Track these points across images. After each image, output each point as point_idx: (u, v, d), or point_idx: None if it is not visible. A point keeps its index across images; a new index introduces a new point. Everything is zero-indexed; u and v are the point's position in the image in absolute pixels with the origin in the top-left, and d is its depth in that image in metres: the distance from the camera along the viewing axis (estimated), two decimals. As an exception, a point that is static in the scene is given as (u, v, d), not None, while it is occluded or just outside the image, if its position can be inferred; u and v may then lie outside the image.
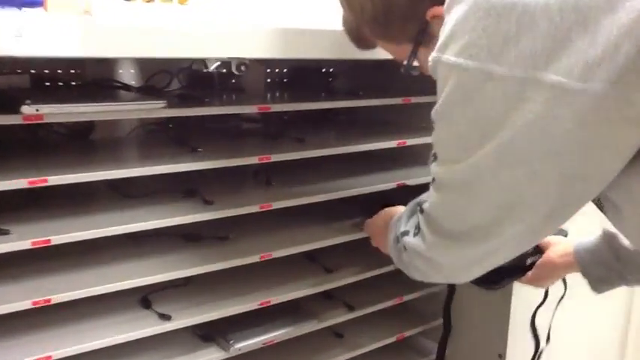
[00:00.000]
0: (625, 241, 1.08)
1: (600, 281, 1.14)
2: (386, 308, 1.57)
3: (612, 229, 1.03)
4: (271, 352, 1.41)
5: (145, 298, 1.27)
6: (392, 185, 1.47)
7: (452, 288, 1.56)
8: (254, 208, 1.26)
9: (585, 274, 1.15)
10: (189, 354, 1.28)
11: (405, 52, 0.91)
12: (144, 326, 1.18)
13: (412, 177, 1.50)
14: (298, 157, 1.31)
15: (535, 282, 1.24)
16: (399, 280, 1.65)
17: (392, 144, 1.46)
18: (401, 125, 1.61)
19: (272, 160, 1.27)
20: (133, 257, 1.24)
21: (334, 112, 1.78)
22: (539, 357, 1.42)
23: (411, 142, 1.48)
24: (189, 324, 1.23)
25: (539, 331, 1.41)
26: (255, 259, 1.28)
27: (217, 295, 1.31)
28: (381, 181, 1.47)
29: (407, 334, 1.63)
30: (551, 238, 1.20)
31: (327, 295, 1.53)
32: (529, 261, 1.23)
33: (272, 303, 1.33)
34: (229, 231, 1.36)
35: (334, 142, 1.45)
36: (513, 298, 1.51)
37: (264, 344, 1.33)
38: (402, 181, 1.49)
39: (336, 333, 1.57)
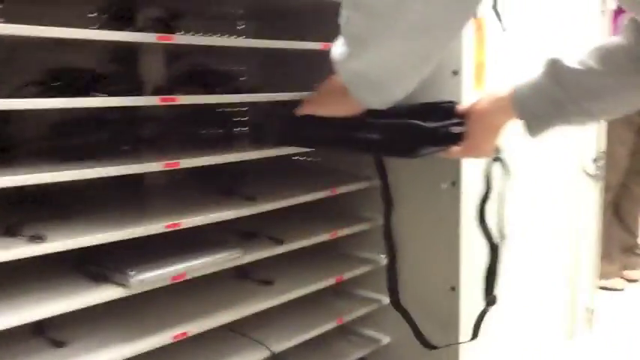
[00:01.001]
0: (570, 63, 0.96)
1: (536, 118, 1.01)
2: (319, 247, 1.34)
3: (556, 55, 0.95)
4: (182, 295, 1.14)
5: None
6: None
7: (388, 206, 1.36)
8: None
9: (520, 113, 1.02)
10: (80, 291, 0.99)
11: None
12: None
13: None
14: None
15: (468, 151, 1.09)
16: (331, 213, 1.45)
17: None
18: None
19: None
20: None
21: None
22: (495, 254, 1.22)
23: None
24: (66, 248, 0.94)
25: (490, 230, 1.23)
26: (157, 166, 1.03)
27: (100, 223, 1.04)
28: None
29: (345, 276, 1.40)
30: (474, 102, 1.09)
31: (249, 234, 1.29)
32: (455, 130, 1.08)
33: (183, 226, 1.07)
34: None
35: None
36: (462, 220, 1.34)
37: (172, 279, 1.06)
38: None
39: (264, 280, 1.32)
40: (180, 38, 1.07)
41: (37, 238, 0.91)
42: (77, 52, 1.38)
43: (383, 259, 1.44)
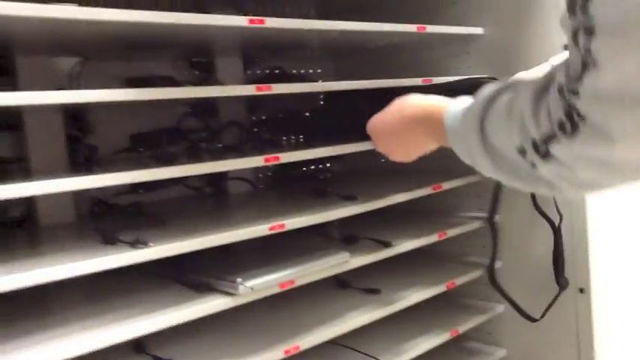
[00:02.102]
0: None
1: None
2: (422, 250, 1.21)
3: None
4: (282, 306, 1.03)
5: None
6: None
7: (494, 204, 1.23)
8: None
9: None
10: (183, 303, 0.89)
11: None
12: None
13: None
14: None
15: None
16: (434, 211, 1.33)
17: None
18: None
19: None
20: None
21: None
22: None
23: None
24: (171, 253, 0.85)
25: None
26: (258, 161, 0.93)
27: (202, 228, 0.94)
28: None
29: (457, 282, 1.26)
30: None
31: (350, 237, 1.18)
32: None
33: (286, 228, 0.96)
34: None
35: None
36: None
37: (280, 287, 0.95)
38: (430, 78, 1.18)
39: (370, 289, 1.20)
40: (277, 87, 0.97)
41: (140, 244, 0.83)
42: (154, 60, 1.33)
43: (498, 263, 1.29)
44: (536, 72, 1.00)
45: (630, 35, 0.49)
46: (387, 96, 1.01)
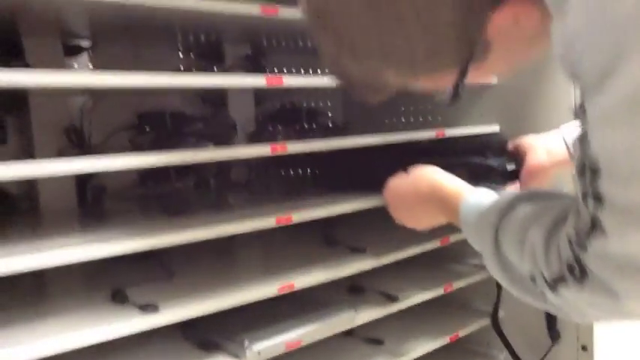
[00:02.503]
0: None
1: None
2: (429, 300, 1.21)
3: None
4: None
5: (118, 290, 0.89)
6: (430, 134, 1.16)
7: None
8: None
9: None
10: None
11: (442, 80, 0.63)
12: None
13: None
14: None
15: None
16: (441, 262, 1.32)
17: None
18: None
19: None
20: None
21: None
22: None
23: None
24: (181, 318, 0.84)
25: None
26: (270, 222, 0.92)
27: (211, 287, 0.94)
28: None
29: (461, 333, 1.26)
30: (524, 141, 1.05)
31: (356, 288, 1.17)
32: (509, 167, 1.05)
33: (295, 288, 0.96)
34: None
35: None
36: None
37: (287, 347, 0.95)
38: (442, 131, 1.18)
39: (373, 339, 1.19)
40: (289, 80, 0.97)
41: (150, 308, 0.82)
42: (165, 93, 1.32)
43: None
44: (547, 139, 1.02)
45: (636, 218, 0.50)
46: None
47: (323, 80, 1.00)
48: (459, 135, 1.22)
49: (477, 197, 0.77)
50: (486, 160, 1.08)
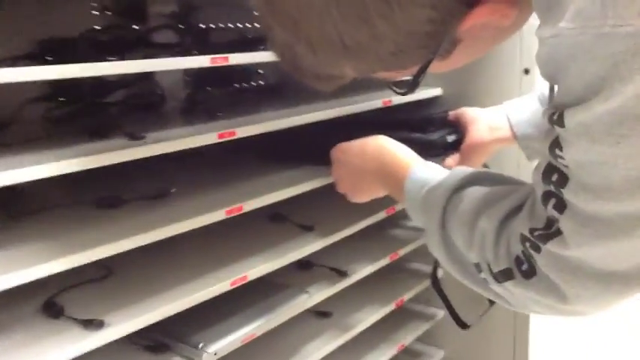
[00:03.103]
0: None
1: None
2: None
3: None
4: (247, 352, 0.99)
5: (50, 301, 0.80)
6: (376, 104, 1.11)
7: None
8: (211, 137, 0.84)
9: (524, 145, 0.98)
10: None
11: (401, 73, 0.61)
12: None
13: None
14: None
15: (462, 164, 1.02)
16: (384, 229, 1.32)
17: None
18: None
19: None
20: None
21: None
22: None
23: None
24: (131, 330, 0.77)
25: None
26: (219, 215, 0.86)
27: (157, 289, 0.87)
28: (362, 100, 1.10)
29: (406, 297, 1.28)
30: (466, 113, 1.05)
31: (304, 264, 1.14)
32: (449, 139, 1.06)
33: (248, 279, 0.91)
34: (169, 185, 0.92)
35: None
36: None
37: (242, 342, 0.91)
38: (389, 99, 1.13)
39: (322, 312, 1.18)
40: (234, 58, 0.88)
41: (95, 323, 0.75)
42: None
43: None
44: (490, 114, 1.01)
45: (596, 229, 0.50)
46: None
47: (270, 55, 0.91)
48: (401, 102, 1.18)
49: (425, 172, 0.75)
50: (426, 135, 1.07)
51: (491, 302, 1.30)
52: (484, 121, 1.03)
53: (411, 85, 0.62)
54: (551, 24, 0.46)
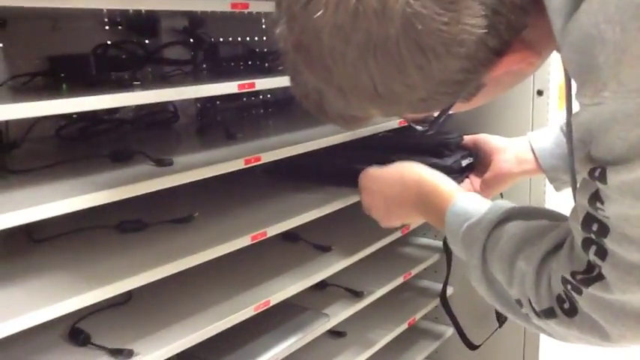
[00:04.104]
0: None
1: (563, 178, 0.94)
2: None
3: None
4: None
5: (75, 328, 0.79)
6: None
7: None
8: (237, 163, 0.83)
9: (551, 177, 0.95)
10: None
11: (425, 115, 0.64)
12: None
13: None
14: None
15: (484, 193, 1.00)
16: (395, 247, 1.32)
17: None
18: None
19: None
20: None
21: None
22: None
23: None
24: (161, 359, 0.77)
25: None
26: (244, 242, 0.85)
27: (177, 311, 0.86)
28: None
29: (417, 316, 1.28)
30: (490, 142, 1.03)
31: (319, 283, 1.14)
32: (463, 163, 1.07)
33: (271, 304, 0.91)
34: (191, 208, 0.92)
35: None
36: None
37: (265, 366, 0.91)
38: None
39: (336, 332, 1.18)
40: (260, 83, 0.88)
41: (124, 353, 0.74)
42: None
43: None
44: (516, 144, 1.01)
45: (637, 277, 0.52)
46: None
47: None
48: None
49: (466, 203, 0.75)
50: (442, 160, 1.07)
51: (500, 323, 1.33)
52: (511, 152, 1.01)
53: (433, 125, 0.64)
54: (593, 91, 0.47)
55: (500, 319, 1.30)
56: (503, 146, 1.01)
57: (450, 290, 1.35)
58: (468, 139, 1.09)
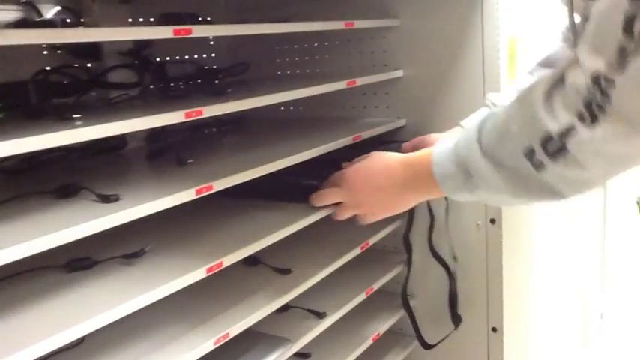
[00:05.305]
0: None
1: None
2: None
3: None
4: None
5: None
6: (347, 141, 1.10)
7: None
8: (189, 194, 0.80)
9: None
10: None
11: None
12: None
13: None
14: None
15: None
16: (361, 269, 1.30)
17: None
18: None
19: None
20: None
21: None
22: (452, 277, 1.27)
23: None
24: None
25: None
26: (199, 274, 0.82)
27: (136, 349, 0.83)
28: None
29: (381, 330, 1.27)
30: (429, 137, 1.07)
31: (281, 307, 1.11)
32: (305, 183, 1.03)
33: (230, 336, 0.88)
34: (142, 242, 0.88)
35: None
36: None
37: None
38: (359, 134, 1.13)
39: (300, 353, 1.16)
40: (208, 110, 0.85)
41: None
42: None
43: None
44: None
45: None
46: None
47: (240, 104, 0.90)
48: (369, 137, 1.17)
49: (442, 145, 0.81)
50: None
51: (456, 325, 1.33)
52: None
53: None
54: None
55: (455, 319, 1.30)
56: (437, 137, 1.04)
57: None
58: (406, 145, 1.10)
